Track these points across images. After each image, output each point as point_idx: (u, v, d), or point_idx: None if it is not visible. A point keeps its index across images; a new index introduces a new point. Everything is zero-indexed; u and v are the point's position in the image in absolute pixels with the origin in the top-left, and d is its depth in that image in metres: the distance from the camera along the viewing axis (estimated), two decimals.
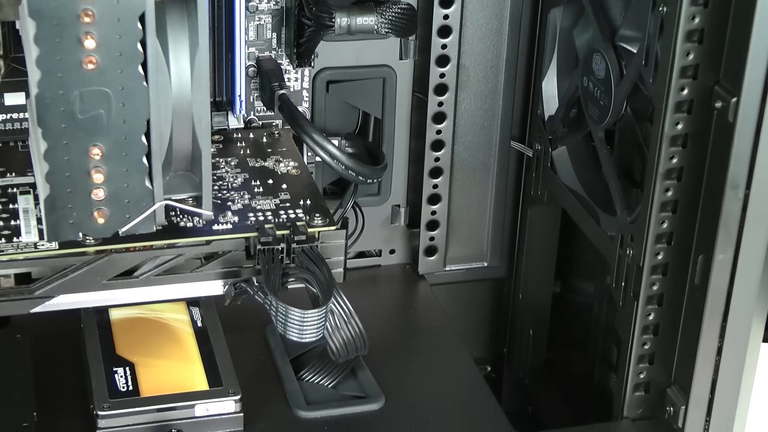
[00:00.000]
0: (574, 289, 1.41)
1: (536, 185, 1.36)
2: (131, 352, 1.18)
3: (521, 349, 1.45)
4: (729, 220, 1.03)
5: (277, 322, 1.04)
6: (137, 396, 1.12)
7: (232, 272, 1.08)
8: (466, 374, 1.25)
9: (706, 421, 1.13)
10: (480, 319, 1.51)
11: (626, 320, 1.16)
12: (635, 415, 1.18)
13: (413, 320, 1.35)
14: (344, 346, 1.09)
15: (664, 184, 1.07)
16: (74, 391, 1.16)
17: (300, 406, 1.17)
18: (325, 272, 1.06)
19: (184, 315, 1.24)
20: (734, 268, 1.05)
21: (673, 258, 1.11)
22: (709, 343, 1.09)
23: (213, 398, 1.12)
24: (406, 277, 1.42)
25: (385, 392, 1.20)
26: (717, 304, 1.07)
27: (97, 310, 1.22)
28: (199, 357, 1.18)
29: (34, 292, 1.03)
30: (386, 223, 1.41)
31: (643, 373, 1.17)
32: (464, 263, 1.45)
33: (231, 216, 1.10)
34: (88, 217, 0.98)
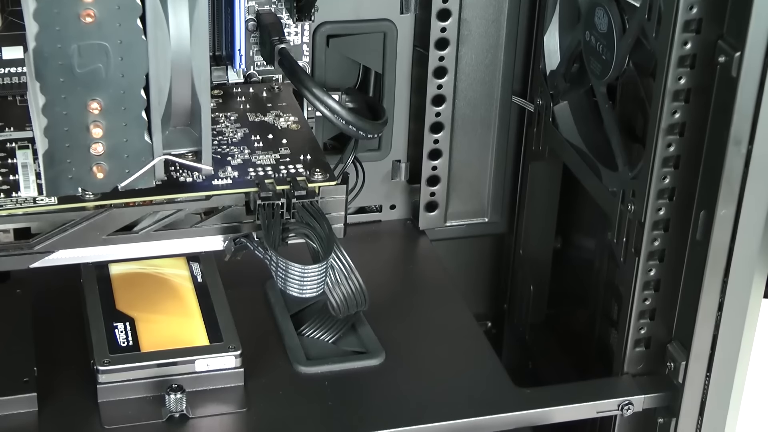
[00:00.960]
0: (575, 245, 1.40)
1: (537, 140, 1.35)
2: (131, 308, 1.18)
3: (522, 305, 1.45)
4: (731, 175, 1.03)
5: (278, 278, 1.04)
6: (137, 351, 1.12)
7: (232, 227, 1.08)
8: (467, 330, 1.25)
9: (706, 376, 1.13)
10: (480, 275, 1.51)
11: (627, 276, 1.16)
12: (636, 370, 1.19)
13: (414, 276, 1.35)
14: (344, 302, 1.09)
15: (667, 139, 1.07)
16: (74, 346, 1.17)
17: (300, 362, 1.17)
18: (325, 227, 1.06)
19: (184, 270, 1.24)
20: (736, 223, 1.05)
21: (675, 213, 1.11)
22: (710, 298, 1.09)
23: (213, 353, 1.12)
24: (406, 232, 1.42)
25: (385, 348, 1.20)
26: (718, 259, 1.07)
27: (97, 266, 1.22)
28: (199, 312, 1.18)
29: (34, 247, 1.03)
30: (387, 179, 1.41)
31: (643, 329, 1.17)
32: (465, 219, 1.45)
33: (231, 171, 1.09)
34: (88, 172, 0.98)
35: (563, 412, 1.15)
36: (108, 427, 1.08)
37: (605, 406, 1.16)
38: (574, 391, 1.17)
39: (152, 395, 1.11)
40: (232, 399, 1.12)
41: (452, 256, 1.45)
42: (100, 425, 1.08)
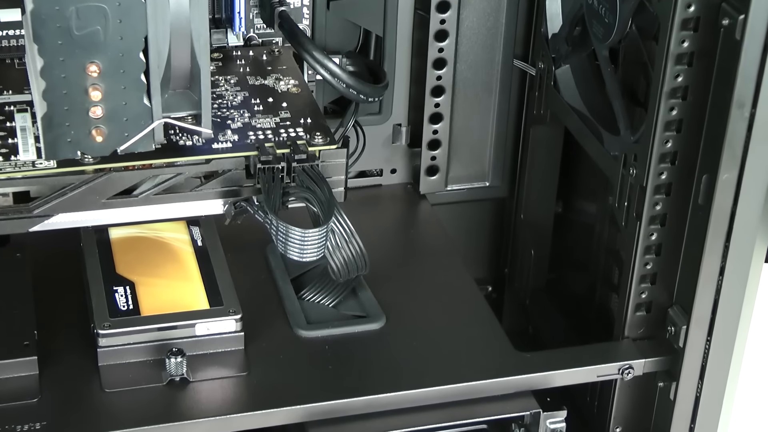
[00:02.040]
0: (576, 210, 1.40)
1: (539, 104, 1.35)
2: (131, 271, 1.18)
3: (522, 270, 1.45)
4: (734, 139, 1.02)
5: (278, 242, 1.04)
6: (137, 315, 1.12)
7: (232, 191, 1.07)
8: (467, 294, 1.25)
9: (707, 340, 1.13)
10: (481, 240, 1.50)
11: (628, 240, 1.15)
12: (636, 334, 1.19)
13: (414, 240, 1.35)
14: (345, 266, 1.09)
15: (669, 103, 1.06)
16: (74, 309, 1.17)
17: (301, 326, 1.17)
18: (325, 191, 1.05)
19: (184, 234, 1.23)
20: (738, 187, 1.04)
21: (677, 178, 1.10)
22: (712, 263, 1.09)
23: (213, 317, 1.12)
24: (407, 196, 1.42)
25: (385, 312, 1.20)
26: (720, 224, 1.07)
27: (97, 229, 1.22)
28: (199, 276, 1.18)
29: (33, 211, 1.02)
30: (387, 143, 1.40)
31: (644, 293, 1.17)
32: (466, 183, 1.45)
33: (231, 135, 1.09)
34: (86, 136, 0.97)
35: (563, 376, 1.15)
36: (108, 390, 1.08)
37: (605, 370, 1.16)
38: (575, 355, 1.17)
39: (152, 359, 1.11)
40: (232, 363, 1.12)
41: (453, 221, 1.44)
42: (100, 389, 1.08)
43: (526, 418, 1.16)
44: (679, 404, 1.16)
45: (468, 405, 1.14)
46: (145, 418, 1.06)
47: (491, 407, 1.14)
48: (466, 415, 1.14)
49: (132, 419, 1.05)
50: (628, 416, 1.23)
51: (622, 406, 1.22)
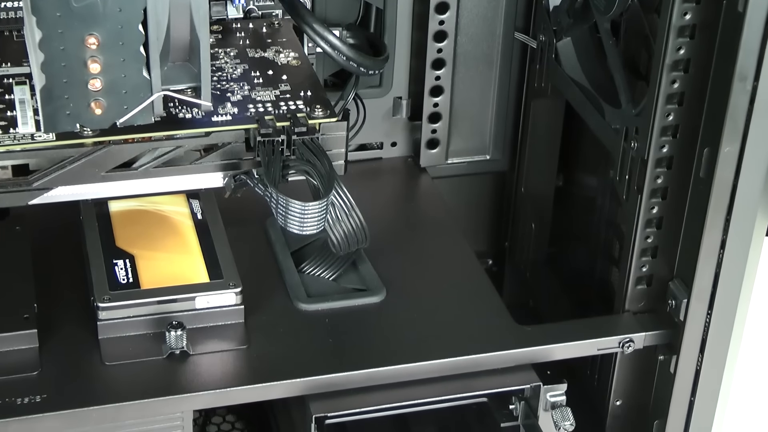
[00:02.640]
0: (577, 183, 1.40)
1: (540, 77, 1.34)
2: (131, 245, 1.17)
3: (523, 243, 1.45)
4: (736, 112, 1.02)
5: (278, 215, 1.04)
6: (137, 288, 1.12)
7: (232, 164, 1.07)
8: (468, 268, 1.25)
9: (707, 314, 1.13)
10: (482, 213, 1.50)
11: (629, 214, 1.15)
12: (637, 308, 1.19)
13: (415, 213, 1.34)
14: (345, 239, 1.09)
15: (671, 75, 1.06)
16: (74, 283, 1.16)
17: (301, 299, 1.17)
18: (326, 164, 1.05)
19: (184, 207, 1.23)
20: (740, 161, 1.04)
21: (678, 151, 1.10)
22: (713, 236, 1.08)
23: (213, 290, 1.12)
24: (407, 170, 1.41)
25: (386, 285, 1.20)
26: (722, 197, 1.06)
27: (97, 203, 1.21)
28: (199, 249, 1.18)
29: (32, 184, 1.02)
30: (388, 116, 1.40)
31: (645, 267, 1.17)
32: (466, 156, 1.44)
33: (230, 107, 1.09)
34: (86, 108, 0.97)
35: (564, 349, 1.15)
36: (108, 363, 1.08)
37: (606, 343, 1.16)
38: (575, 329, 1.17)
39: (152, 332, 1.11)
40: (232, 336, 1.12)
41: (453, 194, 1.44)
42: (100, 362, 1.08)
43: (527, 391, 1.16)
44: (680, 377, 1.16)
45: (468, 378, 1.14)
46: (145, 391, 1.06)
47: (491, 380, 1.14)
48: (466, 389, 1.14)
49: (132, 392, 1.05)
50: (629, 389, 1.23)
51: (623, 380, 1.22)
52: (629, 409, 1.24)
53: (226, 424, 1.35)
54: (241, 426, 1.35)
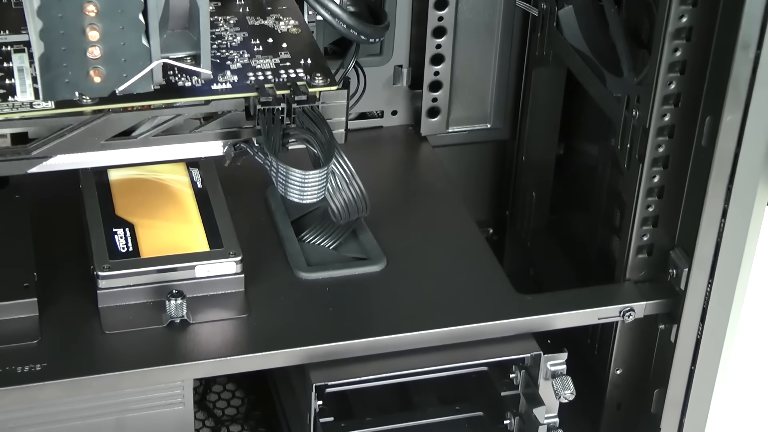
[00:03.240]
0: (578, 152, 1.39)
1: (541, 45, 1.33)
2: (131, 213, 1.17)
3: (524, 212, 1.45)
4: (738, 80, 1.01)
5: (278, 184, 1.03)
6: (137, 257, 1.12)
7: (232, 133, 1.07)
8: (468, 236, 1.25)
9: (708, 283, 1.13)
10: (482, 182, 1.50)
11: (631, 183, 1.15)
12: (637, 277, 1.18)
13: (415, 182, 1.34)
14: (345, 208, 1.09)
15: (673, 44, 1.05)
16: (74, 252, 1.16)
17: (301, 268, 1.17)
18: (326, 133, 1.05)
19: (184, 176, 1.23)
20: (742, 129, 1.04)
21: (680, 119, 1.09)
22: (714, 205, 1.08)
23: (213, 259, 1.12)
24: (408, 138, 1.41)
25: (386, 254, 1.19)
26: (723, 166, 1.06)
27: (96, 171, 1.21)
28: (199, 218, 1.17)
29: (31, 153, 1.02)
30: (388, 84, 1.40)
31: (646, 236, 1.16)
32: (467, 125, 1.44)
33: (230, 75, 1.08)
34: (84, 76, 0.97)
35: (565, 318, 1.15)
36: (108, 332, 1.08)
37: (606, 312, 1.16)
38: (576, 298, 1.17)
39: (152, 301, 1.11)
40: (232, 305, 1.12)
41: (454, 163, 1.44)
42: (100, 330, 1.08)
43: (527, 360, 1.16)
44: (680, 347, 1.16)
45: (468, 347, 1.14)
46: (145, 360, 1.06)
47: (492, 349, 1.14)
48: (466, 357, 1.14)
49: (132, 361, 1.05)
50: (629, 358, 1.23)
51: (623, 349, 1.22)
52: (629, 378, 1.24)
53: (227, 392, 1.35)
54: (241, 395, 1.35)
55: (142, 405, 1.11)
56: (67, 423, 1.09)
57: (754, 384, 1.45)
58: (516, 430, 1.19)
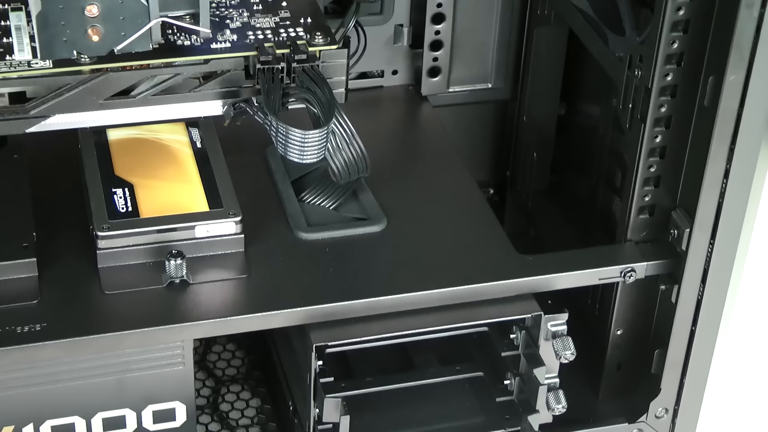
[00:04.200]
0: (580, 112, 1.39)
1: (543, 4, 1.32)
2: (130, 173, 1.17)
3: (525, 172, 1.44)
4: (742, 40, 1.00)
5: (278, 143, 1.03)
6: (137, 217, 1.12)
7: (231, 92, 1.06)
8: (469, 196, 1.24)
9: (710, 243, 1.12)
10: (483, 142, 1.49)
11: (632, 143, 1.14)
12: (639, 237, 1.18)
13: (416, 142, 1.33)
14: (346, 168, 1.08)
15: (676, 2, 1.04)
16: (73, 212, 1.16)
17: (301, 228, 1.17)
18: (326, 92, 1.04)
19: (183, 136, 1.22)
20: (745, 89, 1.03)
21: (683, 79, 1.09)
22: (717, 165, 1.08)
23: (213, 219, 1.12)
24: (408, 98, 1.40)
25: (387, 214, 1.19)
26: (726, 126, 1.05)
27: (95, 131, 1.21)
28: (198, 178, 1.17)
29: (29, 112, 1.01)
30: (389, 44, 1.39)
31: (648, 196, 1.16)
32: (468, 84, 1.43)
33: (229, 34, 1.07)
34: (83, 35, 0.96)
35: (565, 278, 1.15)
36: (108, 292, 1.08)
37: (607, 273, 1.16)
38: (577, 258, 1.17)
39: (152, 261, 1.11)
40: (232, 265, 1.12)
41: (455, 123, 1.43)
42: (100, 291, 1.08)
43: (528, 320, 1.16)
44: (681, 307, 1.16)
45: (469, 308, 1.14)
46: (145, 320, 1.06)
47: (492, 310, 1.14)
48: (467, 318, 1.14)
49: (132, 321, 1.05)
50: (629, 319, 1.23)
51: (624, 309, 1.22)
52: (630, 339, 1.24)
53: (227, 353, 1.36)
54: (241, 355, 1.35)
55: (142, 365, 1.11)
56: (68, 383, 1.09)
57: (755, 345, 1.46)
58: (516, 390, 1.19)
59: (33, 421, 1.10)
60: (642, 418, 1.23)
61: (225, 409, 1.28)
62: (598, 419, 1.25)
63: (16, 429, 1.10)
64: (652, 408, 1.22)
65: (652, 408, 1.22)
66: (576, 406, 1.22)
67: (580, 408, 1.25)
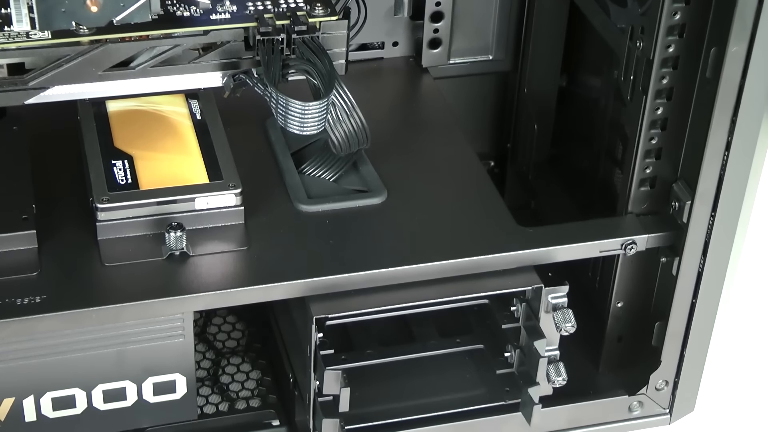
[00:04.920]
0: (581, 84, 1.38)
1: None
2: (130, 145, 1.16)
3: (525, 144, 1.44)
4: (744, 11, 1.00)
5: (278, 115, 1.03)
6: (136, 189, 1.11)
7: (231, 63, 1.06)
8: (470, 169, 1.24)
9: (711, 216, 1.12)
10: (484, 114, 1.49)
11: (634, 115, 1.14)
12: (640, 210, 1.18)
13: (416, 114, 1.33)
14: (346, 139, 1.08)
15: None
16: (73, 184, 1.16)
17: (301, 200, 1.16)
18: (326, 63, 1.04)
19: (183, 108, 1.22)
20: (747, 60, 1.03)
21: (685, 51, 1.08)
22: (718, 137, 1.07)
23: (213, 191, 1.12)
24: (409, 70, 1.40)
25: (387, 186, 1.19)
26: (728, 98, 1.05)
27: (94, 102, 1.20)
28: (198, 150, 1.17)
29: (28, 83, 1.01)
30: (389, 15, 1.38)
31: (649, 168, 1.16)
32: (469, 56, 1.43)
33: (229, 5, 1.07)
34: (81, 5, 0.96)
35: (566, 251, 1.15)
36: (108, 264, 1.08)
37: (608, 245, 1.16)
38: (578, 230, 1.16)
39: (152, 233, 1.11)
40: (232, 237, 1.12)
41: (455, 95, 1.43)
42: (99, 263, 1.08)
43: (528, 293, 1.16)
44: (681, 280, 1.16)
45: (470, 280, 1.13)
46: (145, 292, 1.05)
47: (493, 282, 1.14)
48: (467, 290, 1.14)
49: (132, 293, 1.05)
50: (630, 291, 1.23)
51: (624, 282, 1.22)
52: (630, 311, 1.24)
53: (227, 325, 1.36)
54: (241, 327, 1.35)
55: (142, 337, 1.11)
56: (68, 355, 1.09)
57: (755, 317, 1.46)
58: (516, 362, 1.19)
59: (33, 393, 1.11)
60: (642, 391, 1.23)
61: (225, 381, 1.28)
62: (598, 391, 1.26)
63: (17, 401, 1.10)
64: (652, 380, 1.22)
65: (652, 380, 1.22)
66: (576, 378, 1.22)
67: (580, 380, 1.25)
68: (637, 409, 1.25)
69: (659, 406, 1.25)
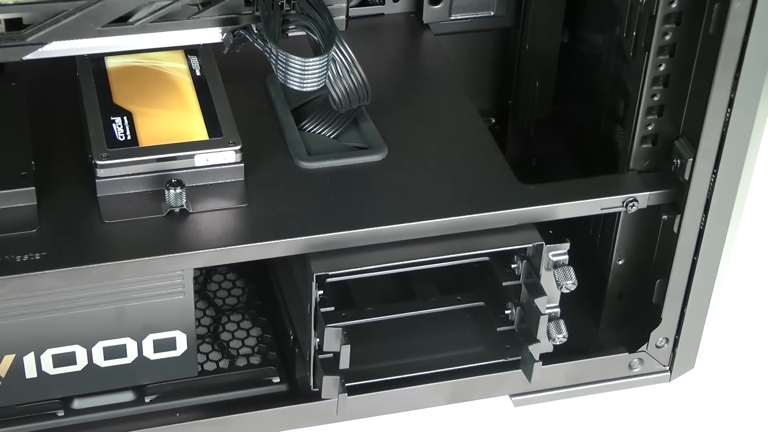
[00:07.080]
0: (583, 40, 1.37)
1: None
2: (129, 102, 1.16)
3: (526, 101, 1.43)
4: None
5: (278, 71, 1.02)
6: (136, 145, 1.11)
7: (231, 19, 1.05)
8: (471, 125, 1.23)
9: (713, 173, 1.12)
10: (485, 70, 1.48)
11: (636, 71, 1.13)
12: (641, 167, 1.18)
13: (417, 71, 1.32)
14: (346, 96, 1.07)
15: None
16: (72, 140, 1.15)
17: (301, 157, 1.16)
18: (326, 19, 1.03)
19: (182, 64, 1.21)
20: (751, 16, 1.02)
21: (688, 6, 1.08)
22: (721, 94, 1.07)
23: (213, 148, 1.11)
24: (410, 26, 1.39)
25: (387, 143, 1.18)
26: (731, 54, 1.04)
27: (93, 59, 1.19)
28: (198, 107, 1.16)
29: (26, 39, 1.01)
30: None
31: (651, 125, 1.15)
32: (470, 12, 1.42)
33: None
34: None
35: (567, 208, 1.14)
36: (107, 221, 1.07)
37: (610, 202, 1.15)
38: (579, 188, 1.16)
39: (151, 190, 1.10)
40: (232, 194, 1.11)
41: (456, 51, 1.42)
42: (99, 219, 1.08)
43: (529, 250, 1.15)
44: (683, 237, 1.16)
45: (470, 237, 1.13)
46: (145, 249, 1.05)
47: (494, 239, 1.14)
48: (468, 248, 1.14)
49: (131, 250, 1.05)
50: (631, 249, 1.23)
51: (625, 239, 1.22)
52: (631, 269, 1.24)
53: (227, 282, 1.35)
54: (242, 284, 1.35)
55: (142, 294, 1.11)
56: (67, 312, 1.09)
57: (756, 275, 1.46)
58: (517, 319, 1.19)
59: (34, 350, 1.11)
60: (642, 348, 1.24)
61: (225, 338, 1.28)
62: (598, 349, 1.26)
63: (17, 358, 1.11)
64: (652, 338, 1.23)
65: (653, 338, 1.23)
66: (576, 335, 1.22)
67: (580, 337, 1.26)
68: (638, 366, 1.25)
69: (659, 363, 1.25)
